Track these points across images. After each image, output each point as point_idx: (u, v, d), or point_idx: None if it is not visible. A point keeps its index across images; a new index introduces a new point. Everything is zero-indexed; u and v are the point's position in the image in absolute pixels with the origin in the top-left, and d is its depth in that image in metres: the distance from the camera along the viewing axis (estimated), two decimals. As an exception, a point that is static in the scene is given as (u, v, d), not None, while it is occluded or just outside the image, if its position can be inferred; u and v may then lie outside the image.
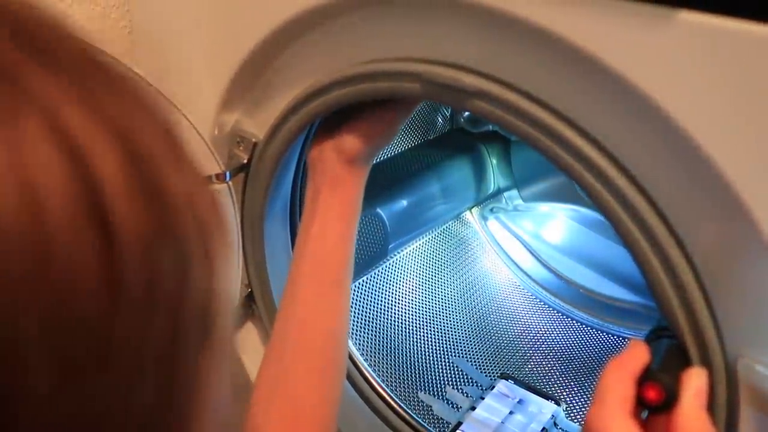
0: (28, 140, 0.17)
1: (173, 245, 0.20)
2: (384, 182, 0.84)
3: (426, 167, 0.92)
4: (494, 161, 0.98)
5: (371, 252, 0.81)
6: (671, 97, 0.37)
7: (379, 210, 0.82)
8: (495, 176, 0.98)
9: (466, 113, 0.98)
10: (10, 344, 0.16)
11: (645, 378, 0.42)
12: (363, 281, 0.89)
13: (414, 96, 0.51)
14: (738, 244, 0.38)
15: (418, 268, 0.96)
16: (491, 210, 1.02)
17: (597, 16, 0.38)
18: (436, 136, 1.00)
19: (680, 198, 0.41)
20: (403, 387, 0.82)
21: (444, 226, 1.00)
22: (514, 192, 1.00)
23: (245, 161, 0.67)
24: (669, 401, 0.41)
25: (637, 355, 0.43)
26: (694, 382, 0.41)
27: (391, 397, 0.78)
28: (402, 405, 0.78)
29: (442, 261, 0.99)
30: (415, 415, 0.78)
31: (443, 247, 1.00)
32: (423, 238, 0.97)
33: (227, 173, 0.68)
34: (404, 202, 0.86)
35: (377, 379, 0.79)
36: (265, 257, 0.70)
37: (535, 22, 0.42)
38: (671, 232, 0.41)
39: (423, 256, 0.98)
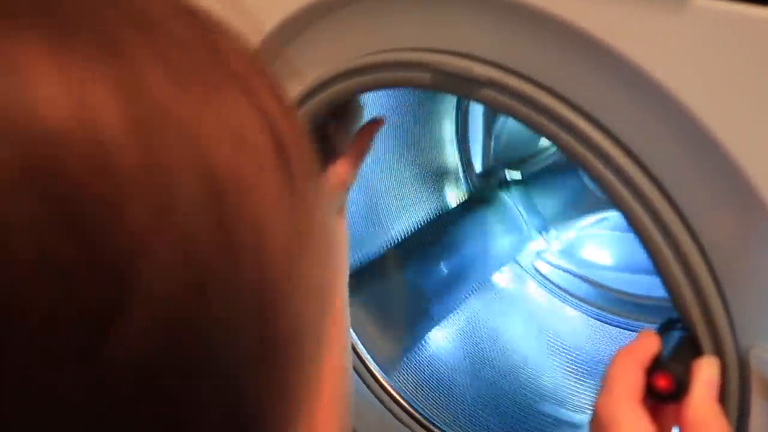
0: (232, 103, 0.22)
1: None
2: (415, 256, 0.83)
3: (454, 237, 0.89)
4: (521, 208, 0.94)
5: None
6: (684, 85, 0.37)
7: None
8: (527, 222, 0.94)
9: (477, 172, 0.94)
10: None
11: (655, 367, 0.42)
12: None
13: (423, 86, 0.50)
14: (751, 234, 0.38)
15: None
16: (537, 254, 0.95)
17: (608, 2, 0.38)
18: (452, 209, 0.95)
19: (693, 188, 0.40)
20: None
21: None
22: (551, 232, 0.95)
23: (253, 153, 0.66)
24: (679, 391, 0.40)
25: (646, 345, 0.43)
26: (706, 372, 0.41)
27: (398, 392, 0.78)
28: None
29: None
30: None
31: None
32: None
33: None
34: (444, 270, 0.85)
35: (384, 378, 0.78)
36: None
37: (546, 9, 0.41)
38: (684, 222, 0.41)
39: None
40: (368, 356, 0.76)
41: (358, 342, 0.75)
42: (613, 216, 0.87)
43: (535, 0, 0.42)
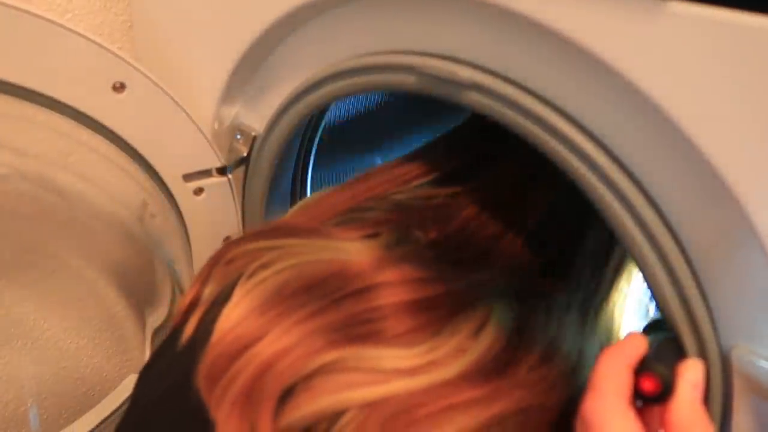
0: None
1: None
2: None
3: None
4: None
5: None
6: (662, 89, 0.37)
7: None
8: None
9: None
10: None
11: (641, 369, 0.42)
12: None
13: (408, 88, 0.51)
14: (730, 235, 0.38)
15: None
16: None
17: (588, 6, 0.38)
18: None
19: (674, 189, 0.40)
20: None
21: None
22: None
23: (245, 155, 0.67)
24: (665, 392, 0.40)
25: (634, 345, 0.43)
26: (691, 374, 0.41)
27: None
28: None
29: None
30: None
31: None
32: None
33: (228, 167, 0.68)
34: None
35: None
36: (266, 250, 0.71)
37: (527, 13, 0.41)
38: (665, 224, 0.41)
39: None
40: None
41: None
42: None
43: (518, 4, 0.42)
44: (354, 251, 0.49)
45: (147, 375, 0.50)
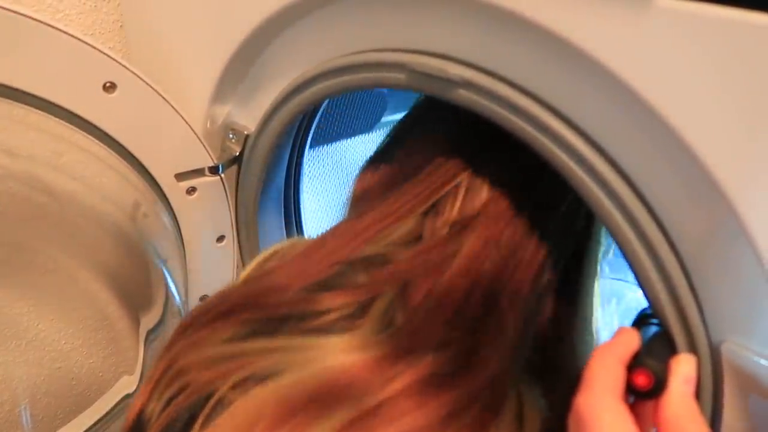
0: None
1: None
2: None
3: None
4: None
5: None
6: (651, 85, 0.37)
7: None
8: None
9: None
10: None
11: (633, 364, 0.42)
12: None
13: (399, 86, 0.51)
14: (718, 230, 0.38)
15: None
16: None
17: (576, 2, 0.38)
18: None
19: (662, 184, 0.41)
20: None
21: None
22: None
23: (237, 153, 0.67)
24: (657, 387, 0.41)
25: (626, 341, 0.43)
26: (683, 369, 0.41)
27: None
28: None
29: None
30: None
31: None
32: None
33: (220, 166, 0.68)
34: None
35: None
36: (260, 249, 0.71)
37: (516, 10, 0.42)
38: (655, 220, 0.41)
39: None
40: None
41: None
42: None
43: (506, 1, 0.42)
44: (345, 350, 0.42)
45: None
